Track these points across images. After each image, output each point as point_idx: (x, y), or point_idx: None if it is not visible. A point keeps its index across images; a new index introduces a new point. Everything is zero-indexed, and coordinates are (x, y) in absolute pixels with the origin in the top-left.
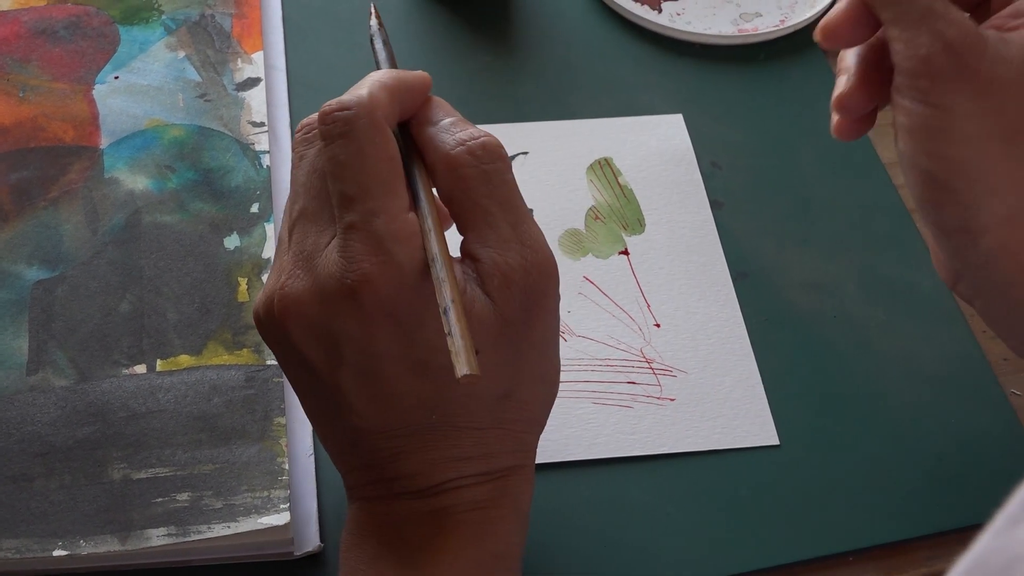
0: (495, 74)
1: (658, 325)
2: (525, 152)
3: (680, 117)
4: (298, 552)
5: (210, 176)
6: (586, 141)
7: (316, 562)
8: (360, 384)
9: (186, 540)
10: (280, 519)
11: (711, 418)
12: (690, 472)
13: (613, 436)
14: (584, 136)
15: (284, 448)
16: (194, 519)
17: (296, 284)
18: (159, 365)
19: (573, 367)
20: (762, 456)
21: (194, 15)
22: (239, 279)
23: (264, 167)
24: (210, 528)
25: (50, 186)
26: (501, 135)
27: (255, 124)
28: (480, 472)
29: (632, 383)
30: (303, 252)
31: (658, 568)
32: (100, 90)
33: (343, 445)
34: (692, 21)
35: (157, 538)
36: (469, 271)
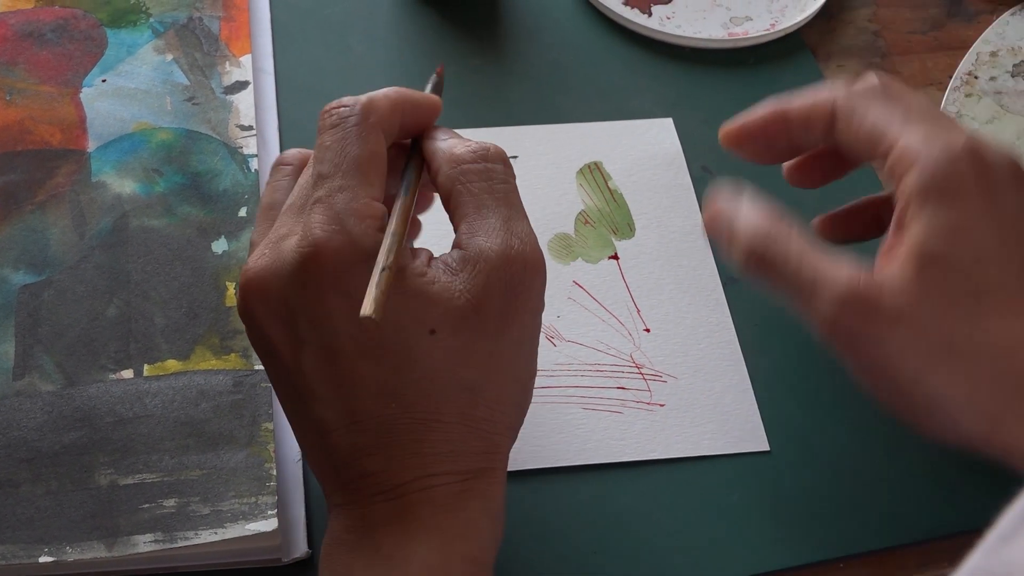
0: (485, 77)
1: (648, 330)
2: (515, 156)
3: (670, 121)
4: (286, 559)
5: (198, 180)
6: (576, 145)
7: (304, 569)
8: (319, 365)
9: (173, 546)
10: (268, 525)
11: (701, 424)
12: (680, 478)
13: (603, 442)
14: (574, 140)
15: (272, 454)
16: (181, 525)
17: (260, 262)
18: (146, 370)
19: (562, 372)
20: (752, 462)
21: (182, 18)
22: (227, 283)
23: (252, 171)
24: (197, 534)
25: (37, 190)
26: (491, 139)
27: (243, 128)
28: (446, 471)
29: (622, 388)
30: (273, 237)
31: (648, 574)
32: (87, 93)
33: (313, 443)
34: (682, 25)
35: (144, 544)
36: (449, 259)
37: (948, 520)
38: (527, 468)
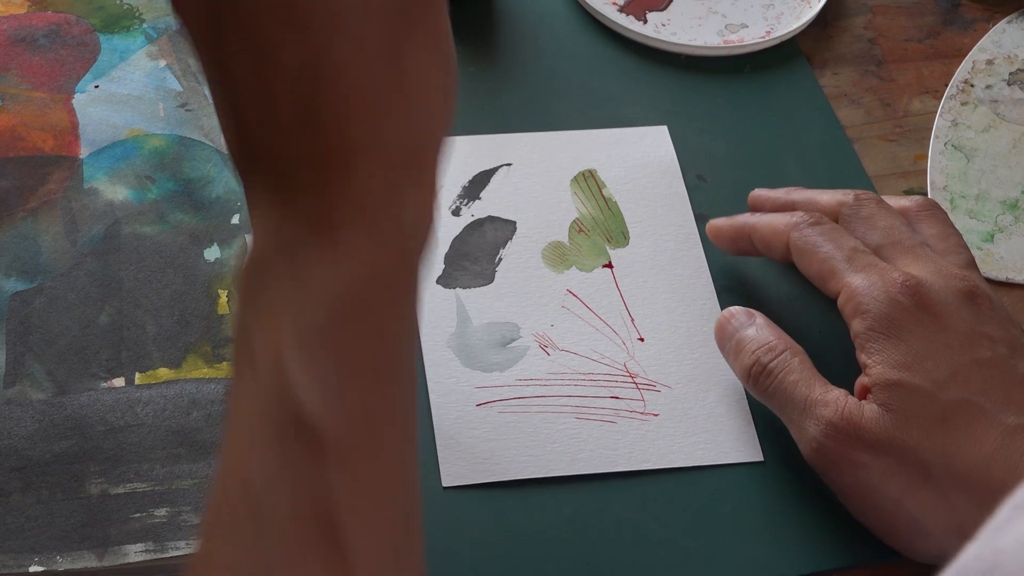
0: (478, 84)
1: (642, 339)
2: (508, 164)
3: (665, 129)
4: None
5: (191, 187)
6: (570, 153)
7: None
8: None
9: (164, 556)
10: None
11: (695, 433)
12: (673, 488)
13: (596, 451)
14: (568, 148)
15: None
16: (172, 535)
17: None
18: (138, 378)
19: (556, 381)
20: (746, 472)
21: (175, 23)
22: (219, 291)
23: None
24: (188, 544)
25: (29, 196)
26: (484, 146)
27: None
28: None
29: (615, 398)
30: None
31: None
32: (80, 99)
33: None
34: (677, 32)
35: (135, 554)
36: None
37: None
38: (520, 478)
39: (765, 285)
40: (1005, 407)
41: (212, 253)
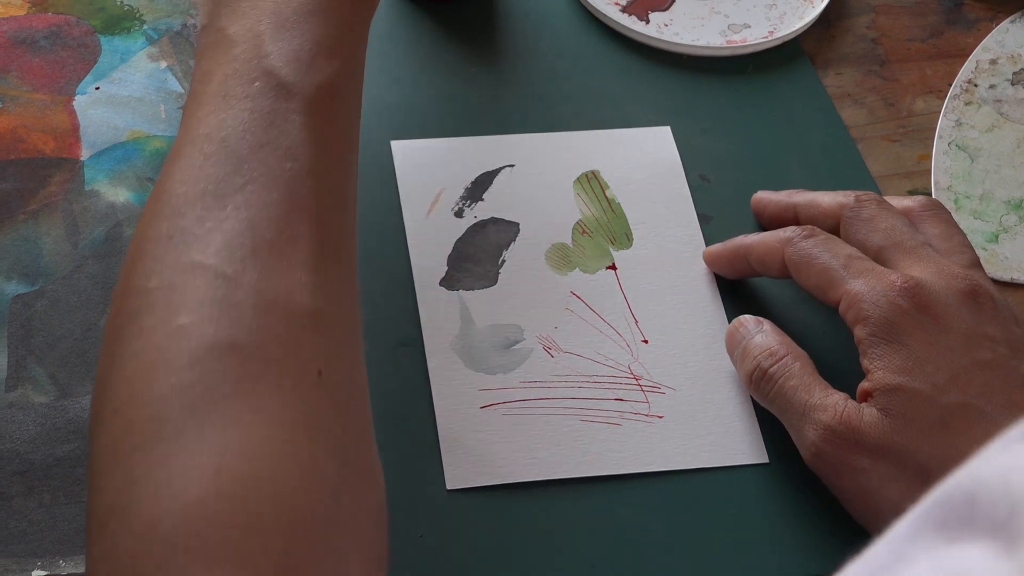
0: (480, 85)
1: (646, 341)
2: (511, 165)
3: (668, 130)
4: None
5: None
6: (573, 154)
7: None
8: None
9: None
10: None
11: (699, 436)
12: (678, 490)
13: (600, 454)
14: (570, 149)
15: None
16: None
17: None
18: None
19: (560, 383)
20: (751, 474)
21: (176, 25)
22: None
23: None
24: None
25: (29, 199)
26: (486, 147)
27: None
28: None
29: (620, 400)
30: None
31: None
32: (81, 101)
33: None
34: (680, 32)
35: None
36: None
37: None
38: (525, 480)
39: (770, 285)
40: (1006, 410)
41: None
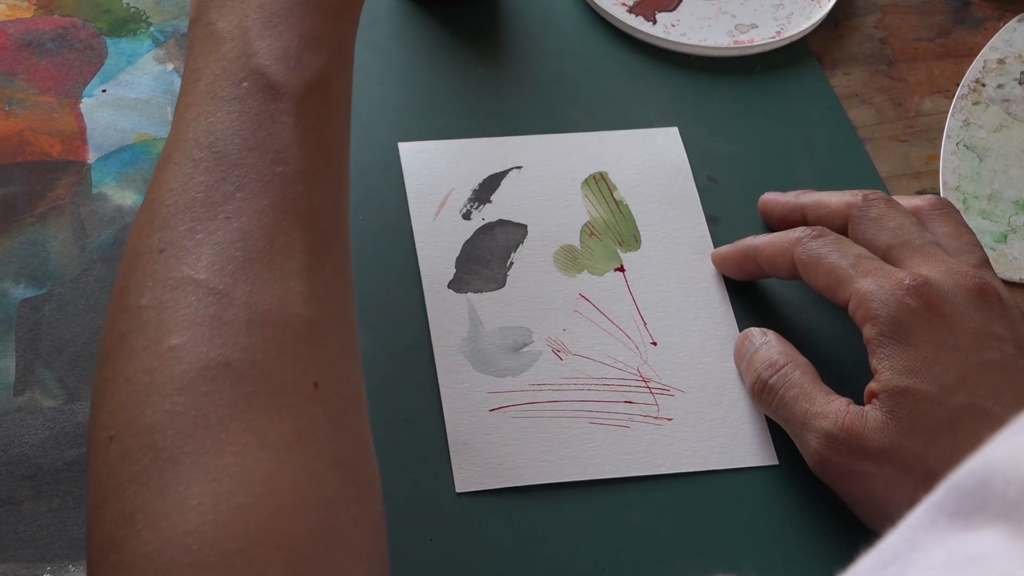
0: (487, 86)
1: (655, 343)
2: (519, 166)
3: (675, 130)
4: None
5: None
6: (580, 155)
7: None
8: None
9: None
10: None
11: (709, 438)
12: (688, 492)
13: (610, 456)
14: (578, 150)
15: None
16: None
17: None
18: None
19: (569, 386)
20: (761, 476)
21: (182, 27)
22: None
23: None
24: None
25: (37, 202)
26: (494, 148)
27: None
28: None
29: (629, 402)
30: None
31: None
32: (87, 103)
33: None
34: (687, 32)
35: None
36: None
37: None
38: (534, 483)
39: (779, 286)
40: (1014, 410)
41: None
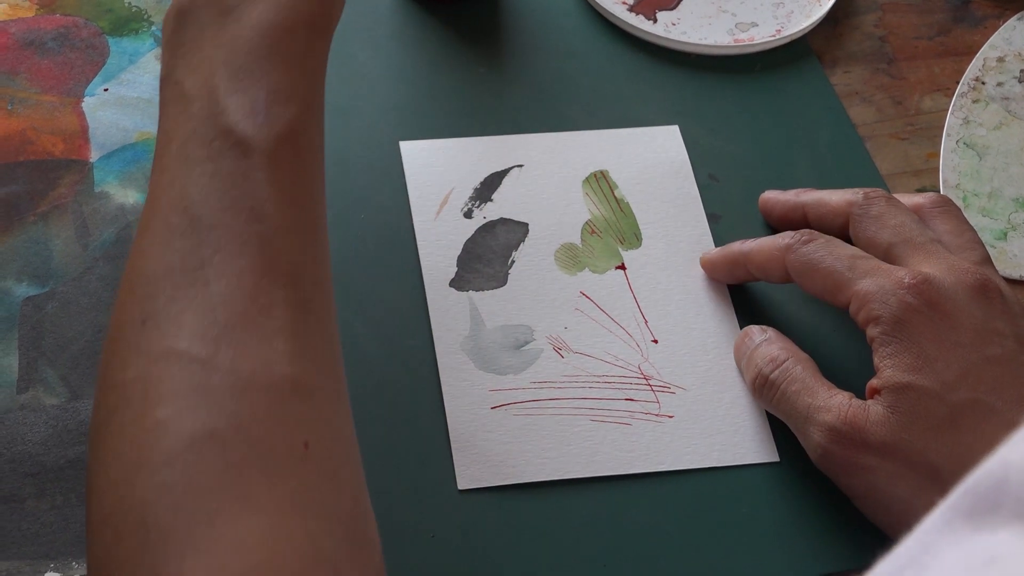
0: (488, 85)
1: (656, 341)
2: (520, 165)
3: (676, 129)
4: None
5: None
6: (581, 154)
7: None
8: None
9: None
10: None
11: (710, 435)
12: (689, 489)
13: (611, 453)
14: (579, 148)
15: None
16: None
17: None
18: None
19: (570, 384)
20: (762, 473)
21: None
22: None
23: None
24: None
25: (39, 200)
26: (495, 147)
27: None
28: None
29: (630, 400)
30: None
31: None
32: (89, 102)
33: None
34: (688, 31)
35: None
36: None
37: None
38: (535, 480)
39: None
40: (1016, 405)
41: None
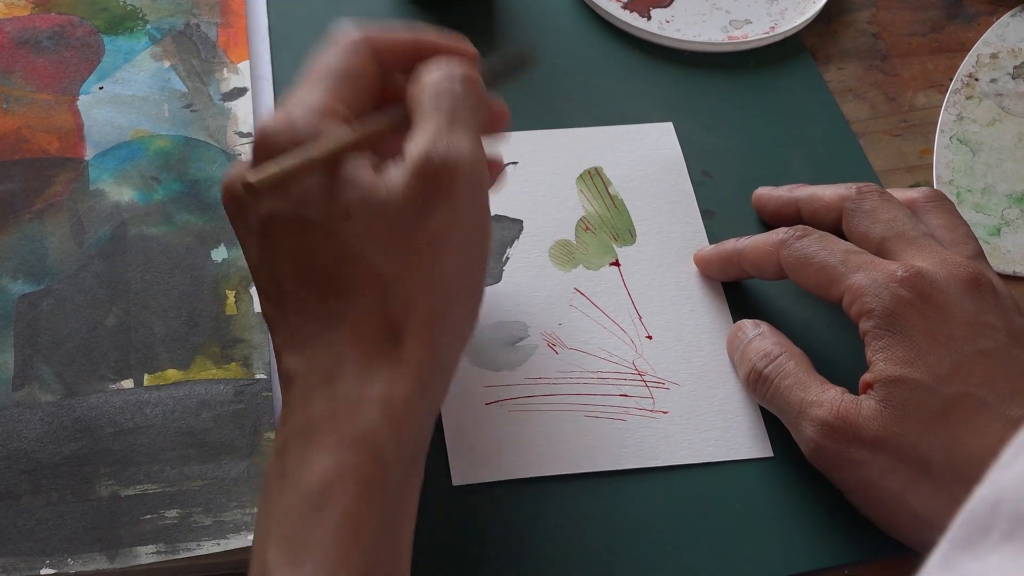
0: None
1: (650, 337)
2: (514, 162)
3: (670, 125)
4: None
5: (196, 187)
6: (575, 150)
7: None
8: (258, 233)
9: (175, 557)
10: None
11: (704, 430)
12: (683, 485)
13: (606, 449)
14: (573, 145)
15: None
16: (183, 536)
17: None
18: (147, 380)
19: (565, 380)
20: (756, 468)
21: (179, 24)
22: (227, 292)
23: None
24: (200, 545)
25: (35, 198)
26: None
27: (242, 134)
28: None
29: (625, 396)
30: None
31: None
32: (85, 101)
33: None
34: (681, 28)
35: (146, 556)
36: (393, 162)
37: None
38: (530, 476)
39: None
40: (1008, 399)
41: (219, 254)
